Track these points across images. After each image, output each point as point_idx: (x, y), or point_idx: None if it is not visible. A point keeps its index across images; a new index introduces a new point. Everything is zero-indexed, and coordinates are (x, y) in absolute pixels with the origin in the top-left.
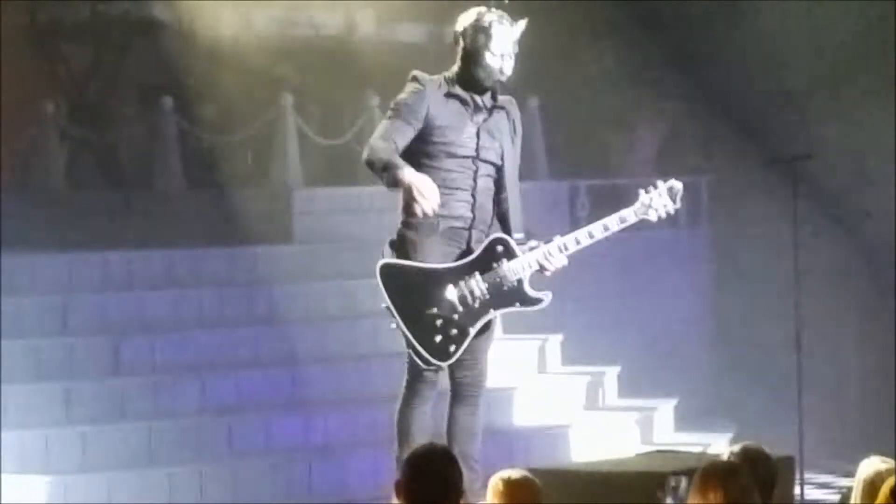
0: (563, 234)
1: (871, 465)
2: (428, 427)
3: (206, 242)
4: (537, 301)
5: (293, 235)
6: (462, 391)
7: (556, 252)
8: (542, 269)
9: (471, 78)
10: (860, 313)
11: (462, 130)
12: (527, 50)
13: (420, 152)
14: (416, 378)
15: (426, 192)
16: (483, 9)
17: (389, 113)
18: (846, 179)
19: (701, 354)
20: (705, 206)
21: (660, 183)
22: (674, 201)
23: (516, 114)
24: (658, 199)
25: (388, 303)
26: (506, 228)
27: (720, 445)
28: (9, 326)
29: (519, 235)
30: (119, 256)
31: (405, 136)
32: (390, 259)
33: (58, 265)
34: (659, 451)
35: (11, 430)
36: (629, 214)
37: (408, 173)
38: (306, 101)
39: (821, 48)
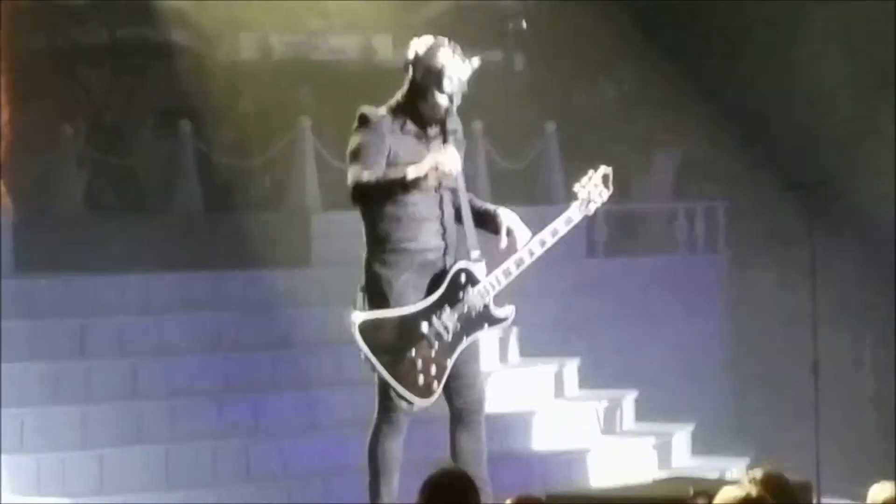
0: (581, 259)
1: (883, 490)
2: (400, 457)
3: (224, 266)
4: (503, 320)
5: (311, 259)
6: (463, 417)
7: (514, 269)
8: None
9: (416, 111)
10: (877, 338)
11: None
12: (544, 75)
13: None
14: (389, 408)
15: (449, 157)
16: (437, 42)
17: (353, 159)
18: (864, 206)
19: (718, 379)
20: (723, 231)
21: (591, 172)
22: (607, 187)
23: (458, 126)
24: (594, 190)
25: (369, 355)
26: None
27: (737, 470)
28: (27, 349)
29: (475, 253)
30: (137, 279)
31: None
32: (366, 315)
33: (76, 288)
34: (676, 477)
35: (29, 452)
36: (574, 213)
37: (423, 162)
38: (324, 124)
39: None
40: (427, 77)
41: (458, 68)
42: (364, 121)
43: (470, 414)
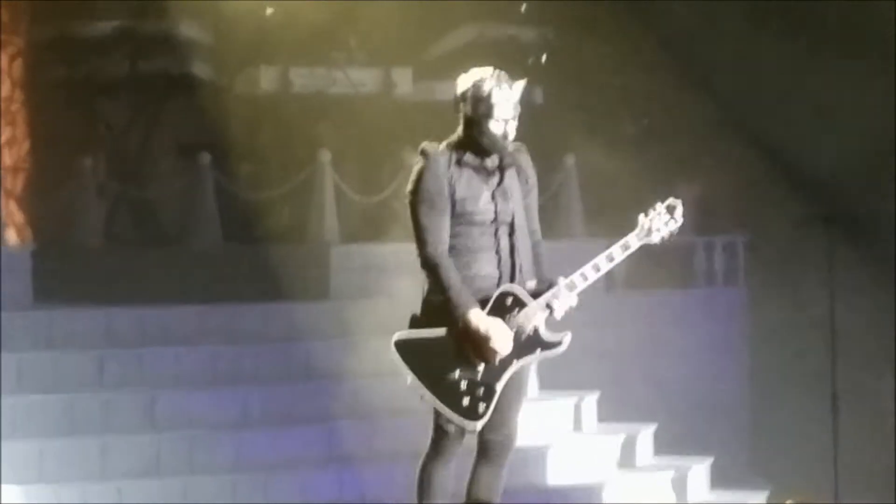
0: (600, 293)
1: None
2: (450, 485)
3: (242, 298)
4: (557, 344)
5: (330, 291)
6: (489, 451)
7: (563, 291)
8: (550, 310)
9: (476, 145)
10: None
11: (479, 199)
12: (564, 109)
13: None
14: (441, 435)
15: (499, 336)
16: (481, 73)
17: (421, 204)
18: (884, 239)
19: (737, 412)
20: (742, 264)
21: (658, 204)
22: (674, 218)
23: (527, 162)
24: (658, 220)
25: (412, 375)
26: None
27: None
28: (46, 380)
29: (531, 283)
30: (156, 311)
31: (447, 229)
32: (403, 333)
33: (95, 320)
34: None
35: (48, 483)
36: (632, 240)
37: (475, 316)
38: (344, 157)
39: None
40: (477, 109)
41: (505, 94)
42: (423, 156)
43: (497, 447)
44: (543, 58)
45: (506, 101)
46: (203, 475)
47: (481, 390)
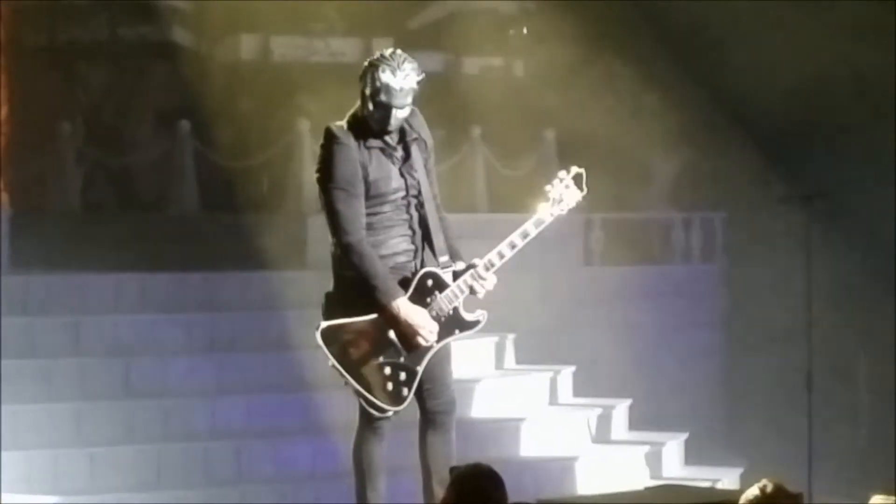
0: (577, 268)
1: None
2: (384, 459)
3: (219, 266)
4: (475, 324)
5: (307, 261)
6: (435, 419)
7: (483, 272)
8: (472, 291)
9: (372, 125)
10: (871, 350)
11: (391, 178)
12: (543, 83)
13: None
14: (367, 414)
15: (425, 325)
16: (381, 56)
17: (338, 190)
18: (862, 217)
19: (712, 389)
20: (719, 241)
21: (562, 172)
22: (580, 188)
23: (422, 126)
24: (566, 191)
25: (335, 363)
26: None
27: (729, 481)
28: (21, 346)
29: (443, 258)
30: (132, 279)
31: (364, 213)
32: (330, 322)
33: (71, 286)
34: (667, 485)
35: (21, 449)
36: (544, 215)
37: (402, 306)
38: (322, 127)
39: (845, 84)
40: (376, 94)
41: (401, 81)
42: (335, 141)
43: (441, 416)
44: (524, 30)
45: (399, 91)
46: (177, 442)
47: (403, 375)
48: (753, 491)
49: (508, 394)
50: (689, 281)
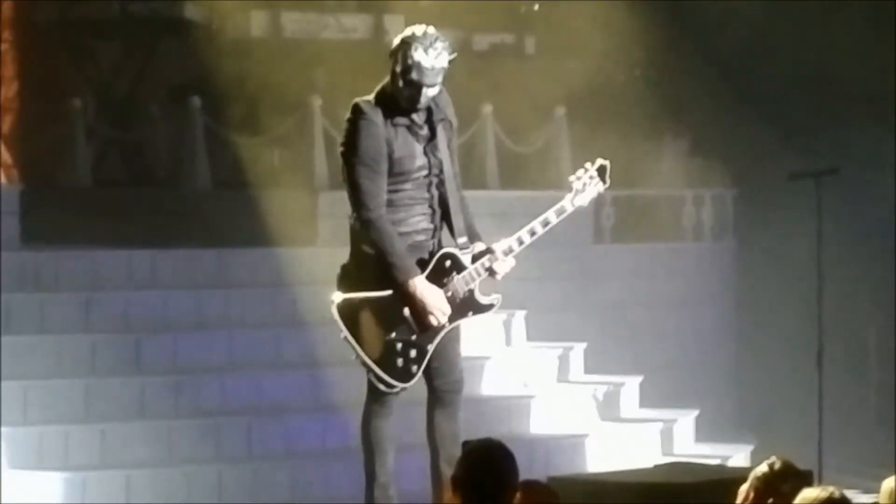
0: (588, 245)
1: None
2: (393, 435)
3: (230, 243)
4: (489, 307)
5: (318, 237)
6: (443, 397)
7: (502, 256)
8: (491, 273)
9: (401, 102)
10: (882, 327)
11: (415, 157)
12: (555, 59)
13: None
14: (376, 389)
15: (439, 306)
16: (414, 34)
17: (361, 166)
18: (872, 195)
19: (723, 366)
20: (731, 219)
21: (588, 165)
22: (604, 181)
23: (448, 106)
24: (590, 182)
25: (347, 335)
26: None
27: (741, 458)
28: (33, 322)
29: (462, 239)
30: (143, 255)
31: (385, 190)
32: (345, 295)
33: (82, 262)
34: (678, 462)
35: (32, 425)
36: (567, 204)
37: (418, 285)
38: (334, 103)
39: (856, 63)
40: (407, 72)
41: (432, 60)
42: (361, 115)
43: (449, 395)
44: (535, 6)
45: (430, 70)
46: (187, 419)
47: (414, 352)
48: (763, 468)
49: (519, 371)
50: (701, 258)
